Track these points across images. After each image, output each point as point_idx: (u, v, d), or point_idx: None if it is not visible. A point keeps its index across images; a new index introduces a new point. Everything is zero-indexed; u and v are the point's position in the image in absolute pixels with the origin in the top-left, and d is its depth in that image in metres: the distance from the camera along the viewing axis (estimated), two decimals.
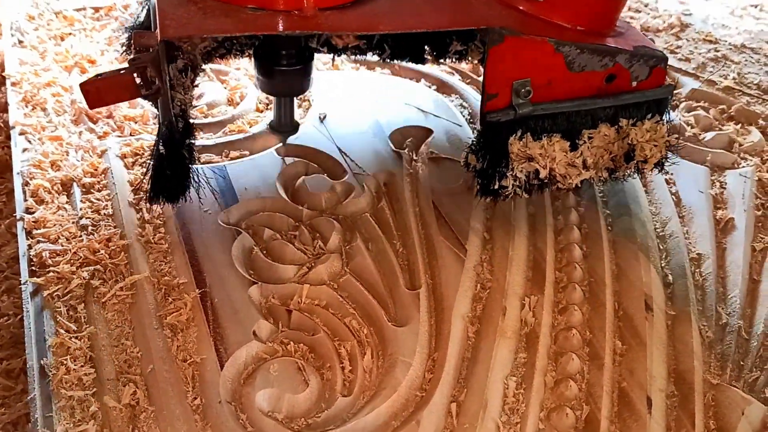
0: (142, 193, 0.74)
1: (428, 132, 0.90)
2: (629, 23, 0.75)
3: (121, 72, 0.64)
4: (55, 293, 0.66)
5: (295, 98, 0.88)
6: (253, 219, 0.76)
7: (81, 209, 0.75)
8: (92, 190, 0.78)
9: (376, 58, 0.90)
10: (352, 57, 0.89)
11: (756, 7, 1.31)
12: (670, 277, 0.74)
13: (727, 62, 1.12)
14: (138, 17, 0.81)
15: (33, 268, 0.68)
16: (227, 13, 0.64)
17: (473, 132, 0.91)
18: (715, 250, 0.77)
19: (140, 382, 0.60)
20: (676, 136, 0.78)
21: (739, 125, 0.98)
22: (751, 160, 0.91)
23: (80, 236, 0.72)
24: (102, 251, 0.70)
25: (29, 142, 0.83)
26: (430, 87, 1.00)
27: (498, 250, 0.75)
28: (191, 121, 0.68)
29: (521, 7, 0.71)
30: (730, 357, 0.66)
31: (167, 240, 0.73)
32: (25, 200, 0.75)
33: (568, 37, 0.69)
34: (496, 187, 0.72)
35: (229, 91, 0.98)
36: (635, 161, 0.74)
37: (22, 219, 0.73)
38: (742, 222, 0.81)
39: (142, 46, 0.64)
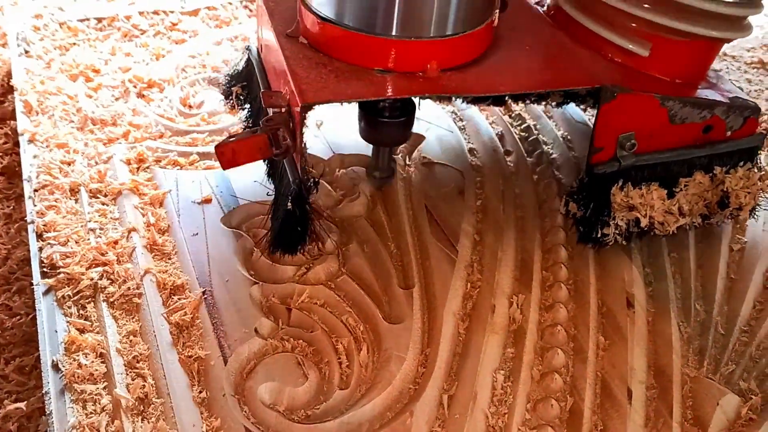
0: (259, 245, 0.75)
1: (420, 138, 0.93)
2: (718, 72, 0.78)
3: (255, 134, 0.66)
4: (66, 293, 0.69)
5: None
6: (254, 222, 0.79)
7: (89, 213, 0.78)
8: (99, 195, 0.81)
9: (459, 101, 0.93)
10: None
11: None
12: (651, 276, 0.77)
13: None
14: (236, 66, 0.83)
15: (44, 269, 0.71)
16: (358, 77, 0.66)
17: (464, 138, 0.94)
18: (695, 250, 0.81)
19: (149, 377, 0.63)
20: None
21: None
22: None
23: (88, 239, 0.75)
24: (110, 253, 0.73)
25: (37, 149, 0.86)
26: None
27: (487, 251, 0.78)
28: (315, 178, 0.69)
29: (619, 60, 0.73)
30: (708, 351, 0.69)
31: (172, 242, 0.76)
32: (35, 205, 0.78)
33: (670, 91, 0.71)
34: (599, 235, 0.75)
35: None
36: (730, 209, 0.77)
37: (32, 222, 0.76)
38: (721, 223, 0.84)
39: (271, 107, 0.66)
